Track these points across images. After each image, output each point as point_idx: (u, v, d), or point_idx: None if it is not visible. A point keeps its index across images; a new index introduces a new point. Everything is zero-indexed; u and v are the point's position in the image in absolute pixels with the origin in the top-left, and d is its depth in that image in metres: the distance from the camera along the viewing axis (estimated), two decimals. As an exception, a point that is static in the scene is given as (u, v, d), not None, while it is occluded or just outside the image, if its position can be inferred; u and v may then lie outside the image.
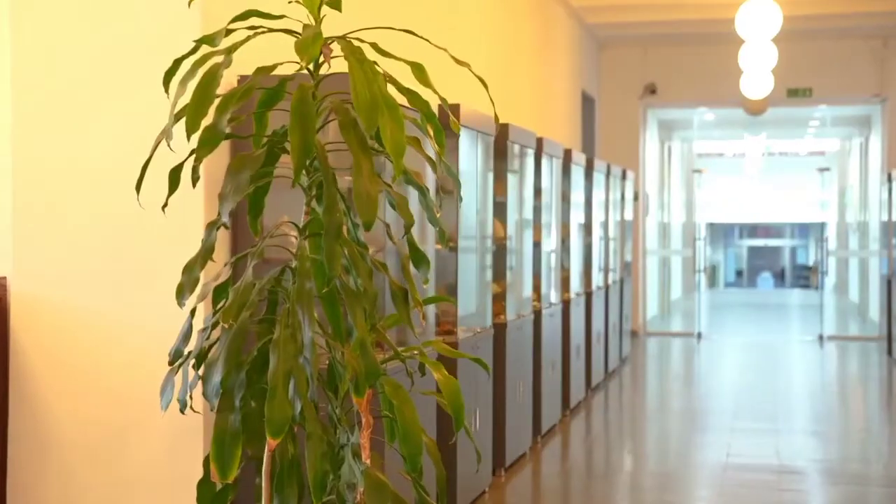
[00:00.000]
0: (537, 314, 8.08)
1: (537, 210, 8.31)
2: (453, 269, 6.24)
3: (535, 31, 11.42)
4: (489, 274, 7.14)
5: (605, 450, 8.43)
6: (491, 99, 3.94)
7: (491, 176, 6.92)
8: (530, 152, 7.97)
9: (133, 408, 4.52)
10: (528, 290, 8.01)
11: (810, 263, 33.93)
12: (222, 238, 4.68)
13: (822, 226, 25.14)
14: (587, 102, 15.00)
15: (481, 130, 6.55)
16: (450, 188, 5.96)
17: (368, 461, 3.56)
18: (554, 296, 8.89)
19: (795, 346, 15.34)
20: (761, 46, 11.99)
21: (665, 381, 12.51)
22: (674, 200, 21.49)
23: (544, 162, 8.38)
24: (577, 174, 10.02)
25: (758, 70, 12.66)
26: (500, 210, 7.29)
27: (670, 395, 11.29)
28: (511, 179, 7.43)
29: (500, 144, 7.18)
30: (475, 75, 3.82)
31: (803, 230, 36.66)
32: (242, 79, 4.51)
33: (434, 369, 3.79)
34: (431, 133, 3.75)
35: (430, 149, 3.68)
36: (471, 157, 6.48)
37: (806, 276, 34.58)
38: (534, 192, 8.10)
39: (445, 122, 3.89)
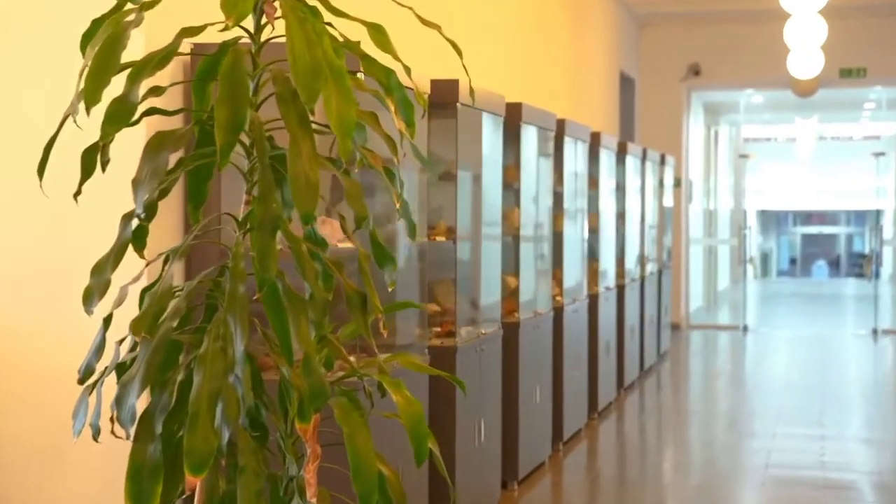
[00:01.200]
0: (558, 311, 7.42)
1: (558, 197, 7.64)
2: (453, 262, 5.61)
3: (566, 7, 10.71)
4: (501, 268, 6.52)
5: (632, 459, 7.76)
6: (464, 66, 3.30)
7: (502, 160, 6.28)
8: (550, 135, 7.29)
9: (64, 429, 3.94)
10: (547, 285, 7.35)
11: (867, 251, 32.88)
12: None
13: (877, 213, 24.14)
14: (626, 84, 14.26)
15: (490, 111, 5.91)
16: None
17: (314, 500, 2.97)
18: (580, 290, 8.23)
19: (848, 341, 14.52)
20: (808, 20, 11.19)
21: (703, 378, 11.77)
22: (721, 187, 20.66)
23: (567, 145, 7.71)
24: (607, 159, 9.33)
25: (806, 47, 11.86)
26: (512, 197, 6.64)
27: (707, 394, 10.56)
28: (526, 164, 6.78)
29: (512, 126, 6.52)
30: (447, 39, 3.18)
31: (860, 217, 35.53)
32: (198, 48, 3.90)
33: (393, 390, 3.16)
34: (393, 108, 3.10)
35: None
36: (485, 139, 5.85)
37: (860, 265, 33.50)
38: (554, 178, 7.43)
39: (446, 101, 3.20)
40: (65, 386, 3.95)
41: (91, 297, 2.87)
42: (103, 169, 2.80)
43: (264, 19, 2.91)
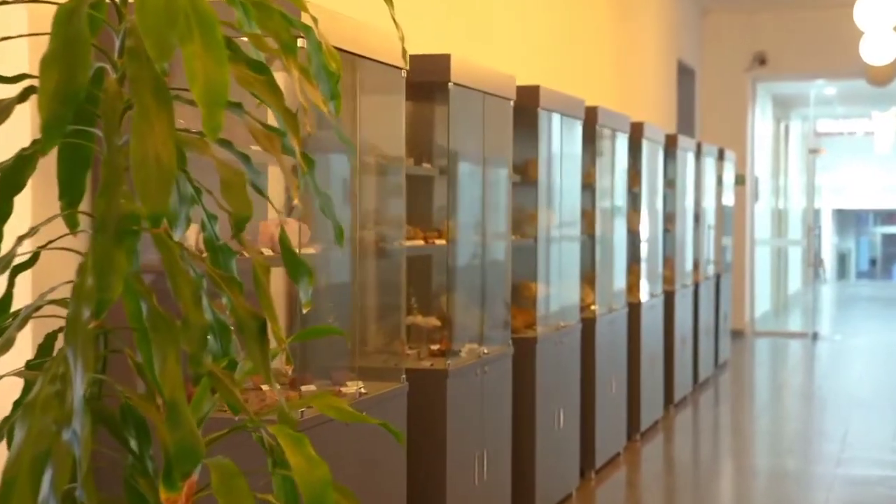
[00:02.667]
0: (589, 323, 6.59)
1: (588, 195, 6.81)
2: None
3: (612, -11, 9.85)
4: (521, 275, 5.74)
5: (665, 494, 6.88)
6: (395, 19, 2.55)
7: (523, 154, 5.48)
8: (577, 125, 6.45)
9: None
10: (574, 294, 6.51)
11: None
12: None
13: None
14: (685, 74, 13.31)
15: (499, 94, 5.12)
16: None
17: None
18: (618, 299, 7.38)
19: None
20: (881, 0, 10.17)
21: (763, 393, 10.76)
22: (792, 185, 19.54)
23: (600, 136, 6.87)
24: (654, 153, 8.45)
25: (879, 30, 10.82)
26: (527, 196, 5.84)
27: (763, 415, 9.56)
28: (547, 155, 5.96)
29: (529, 112, 5.71)
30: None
31: (946, 217, 33.94)
32: None
33: (290, 448, 2.38)
34: (296, 72, 2.33)
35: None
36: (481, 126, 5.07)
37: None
38: (582, 175, 6.59)
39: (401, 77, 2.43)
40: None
41: None
42: None
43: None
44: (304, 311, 2.42)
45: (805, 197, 21.16)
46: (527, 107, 5.66)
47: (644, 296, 7.96)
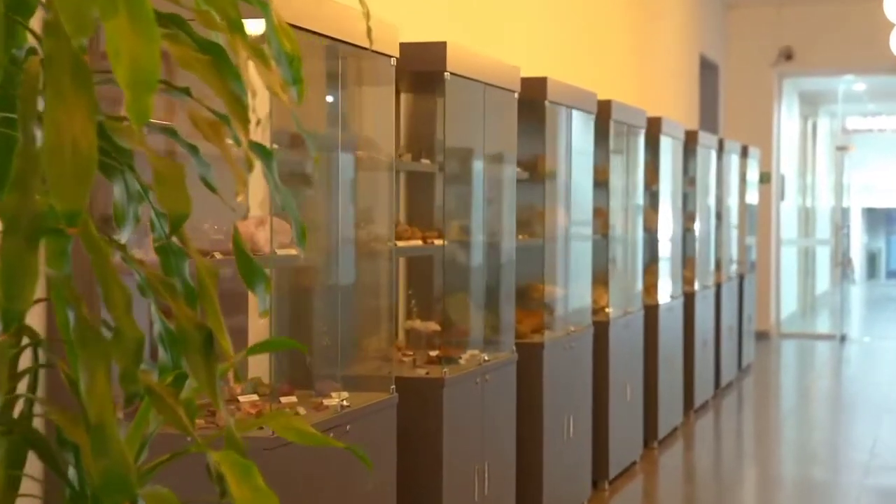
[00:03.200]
0: (602, 326, 6.29)
1: (602, 193, 6.50)
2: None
3: (631, -19, 9.54)
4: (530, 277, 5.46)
5: None
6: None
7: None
8: (589, 119, 6.15)
9: None
10: (586, 296, 6.21)
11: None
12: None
13: None
14: (708, 69, 12.96)
15: (504, 87, 4.84)
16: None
17: None
18: (635, 301, 7.07)
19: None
20: (912, -10, 9.81)
21: (786, 399, 10.38)
22: (819, 183, 19.12)
23: (614, 131, 6.56)
24: (673, 150, 8.13)
25: (909, 21, 10.45)
26: (536, 194, 5.55)
27: (788, 421, 9.21)
28: (557, 151, 5.67)
29: (536, 106, 5.42)
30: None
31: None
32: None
33: (234, 476, 2.10)
34: (242, 51, 2.05)
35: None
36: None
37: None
38: (596, 172, 6.29)
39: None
40: None
41: None
42: None
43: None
44: (262, 320, 2.15)
45: (833, 195, 20.74)
46: (534, 100, 5.37)
47: (662, 297, 7.65)
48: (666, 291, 7.85)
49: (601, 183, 6.51)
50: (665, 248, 7.97)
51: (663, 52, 10.77)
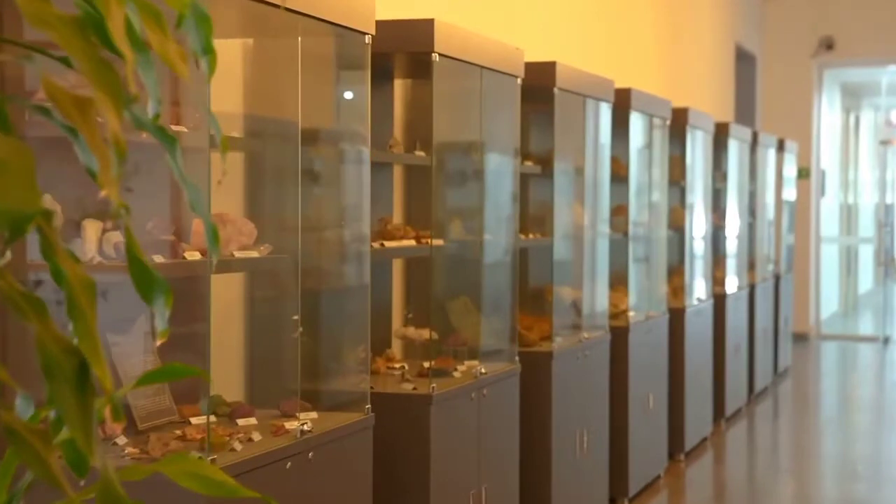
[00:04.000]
0: (620, 332, 5.83)
1: (622, 188, 6.04)
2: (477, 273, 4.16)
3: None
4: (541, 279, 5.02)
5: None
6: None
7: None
8: (605, 108, 5.68)
9: None
10: (603, 300, 5.75)
11: None
12: None
13: None
14: (745, 60, 12.43)
15: (505, 72, 4.41)
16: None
17: None
18: (658, 304, 6.61)
19: None
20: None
21: (826, 407, 9.81)
22: (862, 179, 18.47)
23: (634, 122, 6.10)
24: (702, 143, 7.63)
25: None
26: (547, 189, 5.12)
27: (827, 431, 8.67)
28: (570, 143, 5.23)
29: (545, 93, 4.98)
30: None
31: None
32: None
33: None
34: (115, 7, 1.61)
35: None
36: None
37: None
38: (613, 164, 5.84)
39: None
40: None
41: None
42: None
43: None
44: (158, 343, 1.73)
45: (877, 191, 20.03)
46: (542, 86, 4.92)
47: (690, 300, 7.16)
48: (694, 293, 7.38)
49: (621, 178, 6.06)
50: (694, 248, 7.49)
51: (696, 42, 10.27)
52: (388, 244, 4.06)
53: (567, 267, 5.39)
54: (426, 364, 4.19)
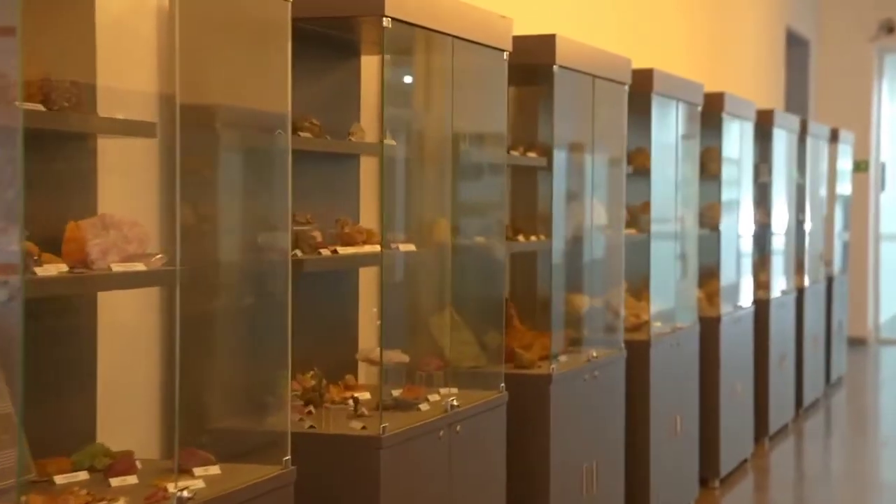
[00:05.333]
0: (640, 347, 5.10)
1: (642, 182, 5.30)
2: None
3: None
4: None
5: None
6: None
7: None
8: (621, 91, 4.91)
9: None
10: (619, 309, 5.02)
11: None
12: None
13: None
14: (797, 45, 11.55)
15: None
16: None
17: None
18: (687, 314, 5.86)
19: None
20: None
21: (886, 422, 8.90)
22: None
23: (656, 109, 5.35)
24: (741, 132, 6.84)
25: None
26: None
27: (887, 450, 7.80)
28: (573, 131, 4.51)
29: (544, 72, 4.26)
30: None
31: None
32: None
33: None
34: None
35: None
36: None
37: None
38: (627, 157, 5.10)
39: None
40: None
41: None
42: None
43: None
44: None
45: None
46: (539, 65, 4.20)
47: (725, 307, 6.38)
48: (732, 299, 6.60)
49: (641, 171, 5.31)
50: (733, 248, 6.70)
51: (741, 25, 9.43)
52: (343, 250, 3.38)
53: (574, 273, 4.67)
54: (396, 393, 3.51)
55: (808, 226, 8.59)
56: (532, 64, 4.16)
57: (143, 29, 3.01)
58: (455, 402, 3.49)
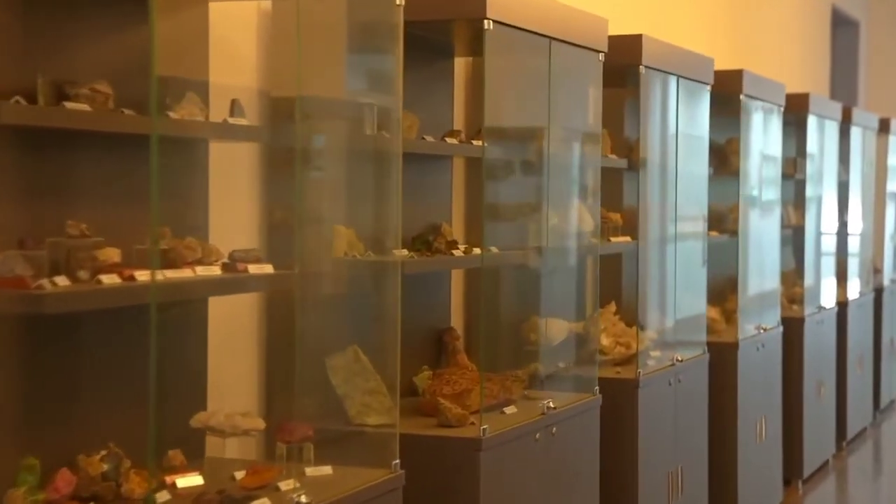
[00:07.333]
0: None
1: (651, 179, 4.54)
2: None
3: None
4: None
5: None
6: None
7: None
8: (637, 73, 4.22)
9: None
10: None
11: None
12: None
13: None
14: (844, 27, 11.09)
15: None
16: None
17: None
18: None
19: None
20: None
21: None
22: None
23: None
24: (767, 121, 5.82)
25: None
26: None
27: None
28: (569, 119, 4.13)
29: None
30: None
31: None
32: None
33: None
34: None
35: None
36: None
37: None
38: (633, 147, 4.51)
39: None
40: None
41: None
42: None
43: None
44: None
45: None
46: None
47: (747, 330, 5.39)
48: (753, 321, 5.55)
49: (638, 164, 4.40)
50: (754, 259, 5.62)
51: (780, 4, 8.99)
52: (170, 274, 2.33)
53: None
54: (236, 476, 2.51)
55: (852, 229, 7.69)
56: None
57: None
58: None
